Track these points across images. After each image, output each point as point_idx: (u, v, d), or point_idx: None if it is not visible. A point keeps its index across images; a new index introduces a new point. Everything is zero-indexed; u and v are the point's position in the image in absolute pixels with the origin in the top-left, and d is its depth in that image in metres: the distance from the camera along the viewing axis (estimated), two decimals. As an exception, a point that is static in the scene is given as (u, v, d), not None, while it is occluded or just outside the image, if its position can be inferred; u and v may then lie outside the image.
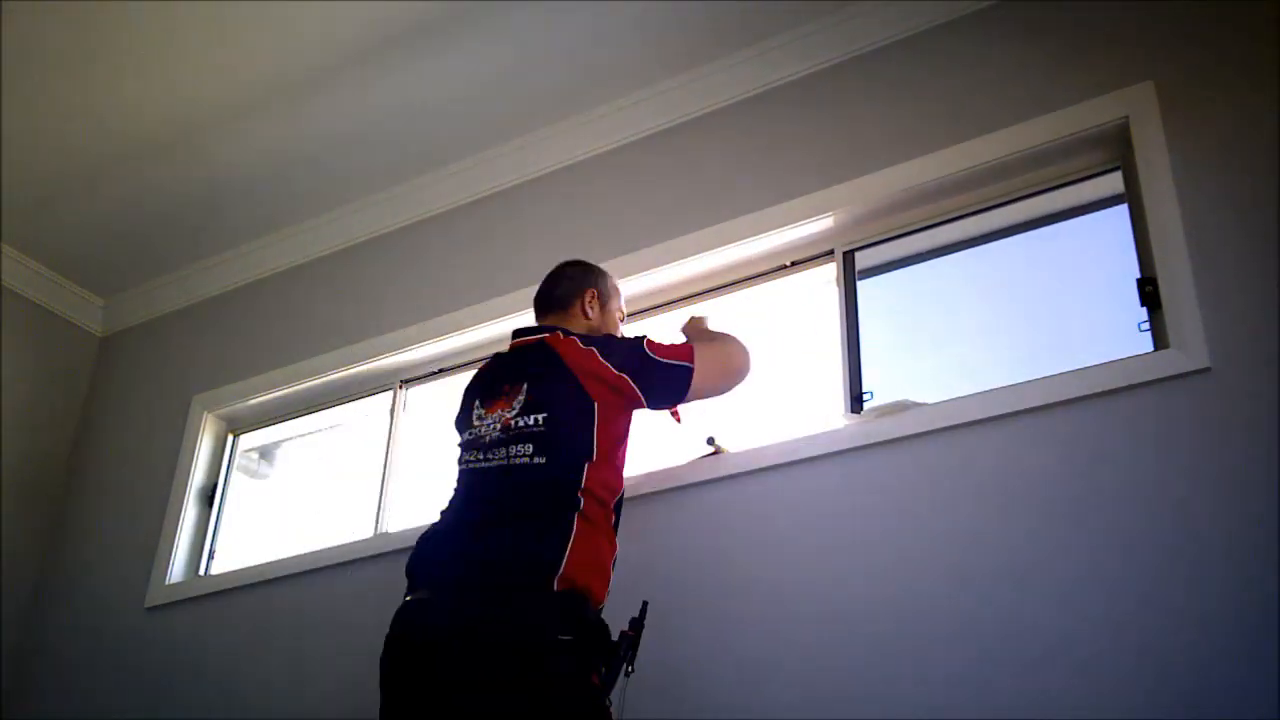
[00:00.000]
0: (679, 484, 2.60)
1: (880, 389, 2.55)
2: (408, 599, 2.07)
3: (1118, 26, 2.53)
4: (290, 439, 3.79)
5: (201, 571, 3.49)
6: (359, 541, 3.09)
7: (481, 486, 2.12)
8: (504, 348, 2.41)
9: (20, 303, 3.89)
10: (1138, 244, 2.39)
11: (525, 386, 2.18)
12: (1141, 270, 2.35)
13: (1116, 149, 2.49)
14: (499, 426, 2.15)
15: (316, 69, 3.10)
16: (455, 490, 2.21)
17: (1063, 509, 2.14)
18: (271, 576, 3.18)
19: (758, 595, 2.38)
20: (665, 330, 2.77)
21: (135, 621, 3.39)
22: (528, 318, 3.13)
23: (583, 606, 1.96)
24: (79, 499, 3.83)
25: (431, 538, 2.13)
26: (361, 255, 3.63)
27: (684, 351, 2.25)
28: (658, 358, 2.21)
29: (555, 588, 1.93)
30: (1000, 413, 2.28)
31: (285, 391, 3.56)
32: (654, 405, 2.23)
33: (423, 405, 3.41)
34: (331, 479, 3.57)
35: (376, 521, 3.18)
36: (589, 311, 2.41)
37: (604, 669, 1.93)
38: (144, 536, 3.53)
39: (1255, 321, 2.11)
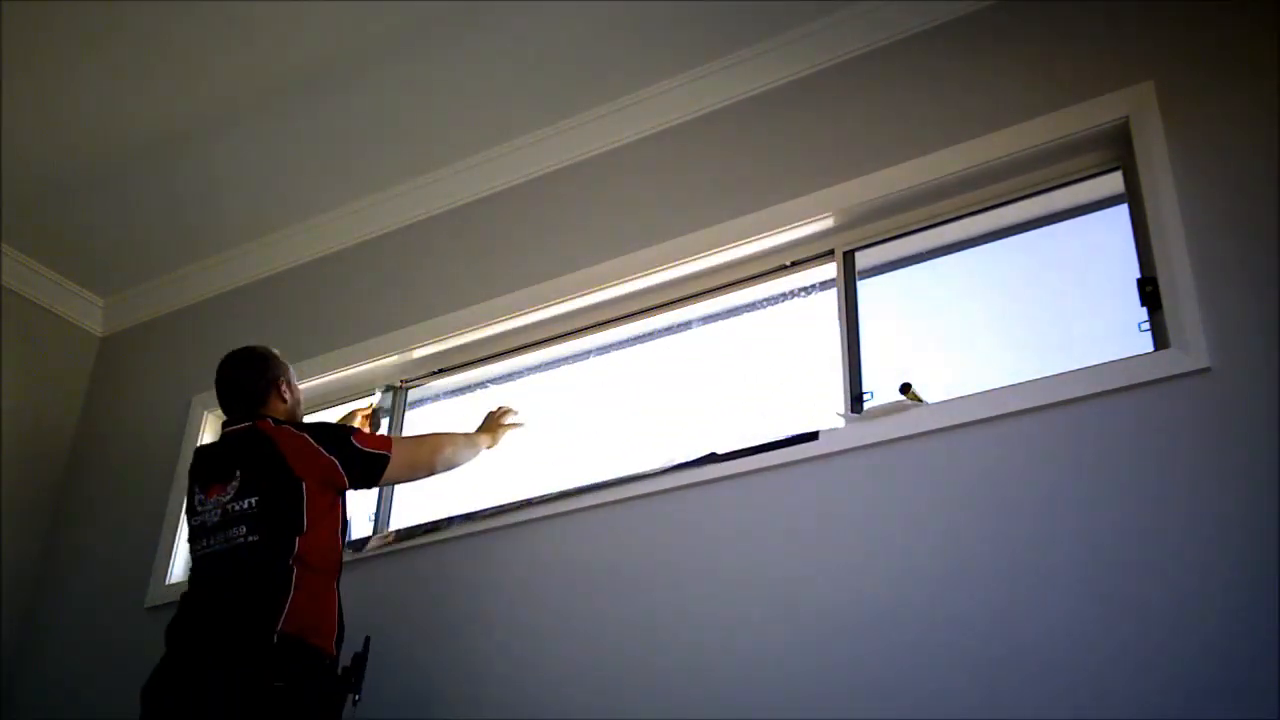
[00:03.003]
0: (679, 485, 2.60)
1: (880, 389, 2.55)
2: (162, 657, 2.39)
3: (1118, 26, 2.53)
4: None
5: (201, 571, 3.48)
6: (357, 541, 3.09)
7: (210, 568, 2.43)
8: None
9: (20, 303, 3.89)
10: (1138, 244, 2.39)
11: (238, 473, 2.47)
12: (1141, 270, 2.35)
13: (1116, 149, 2.49)
14: (219, 512, 2.45)
15: (316, 69, 3.10)
16: (192, 574, 2.52)
17: (1063, 509, 2.14)
18: (271, 576, 3.17)
19: (757, 595, 2.38)
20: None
21: (135, 621, 3.39)
22: (527, 317, 3.16)
23: (303, 656, 2.28)
24: (79, 499, 3.82)
25: (176, 619, 2.43)
26: (361, 255, 3.63)
27: (383, 443, 2.63)
28: (362, 447, 2.55)
29: (275, 640, 2.25)
30: (1000, 413, 2.28)
31: (285, 391, 3.56)
32: (354, 482, 2.54)
33: (423, 404, 3.42)
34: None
35: (376, 521, 3.18)
36: (285, 397, 2.71)
37: (324, 705, 2.31)
38: (144, 536, 3.52)
39: (1255, 321, 2.11)
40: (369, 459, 2.55)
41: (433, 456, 2.71)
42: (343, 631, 2.41)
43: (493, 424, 2.93)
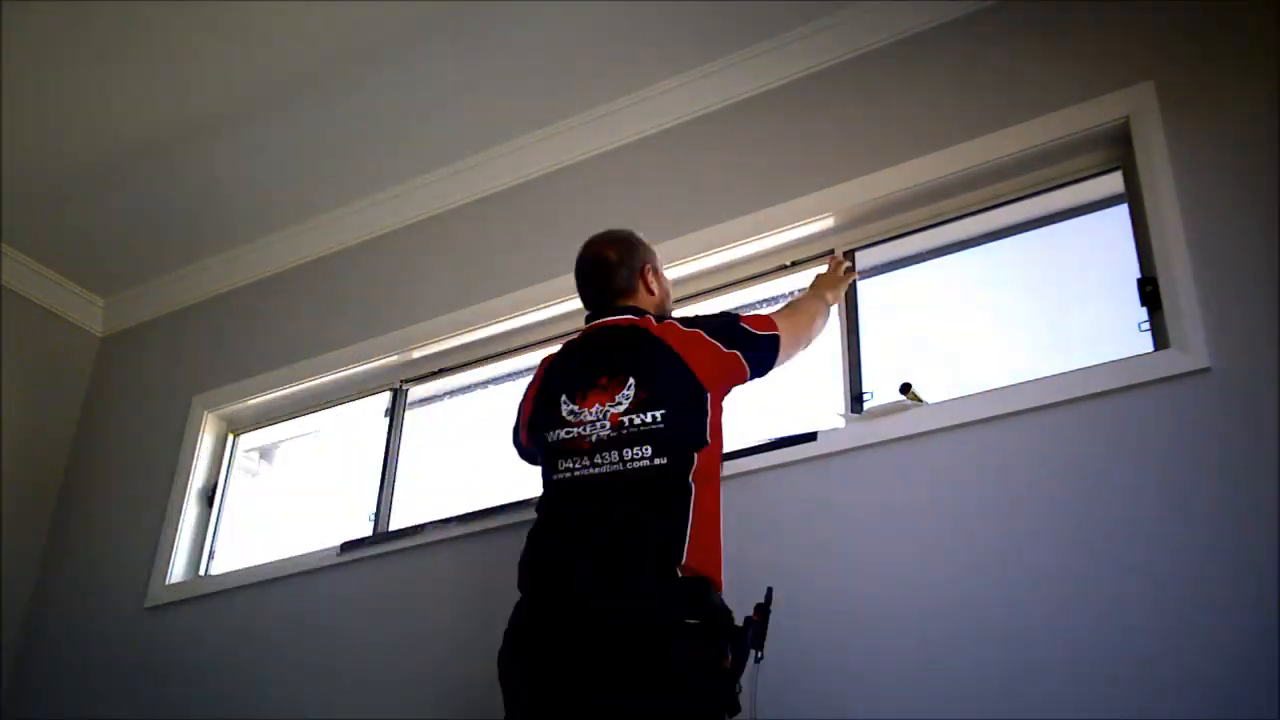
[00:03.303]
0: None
1: (880, 389, 2.55)
2: (526, 597, 2.03)
3: (1118, 26, 2.53)
4: (290, 439, 3.79)
5: (201, 571, 3.49)
6: (358, 541, 3.09)
7: (591, 494, 2.04)
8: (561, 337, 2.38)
9: (20, 303, 3.89)
10: (1138, 244, 2.39)
11: (632, 380, 2.08)
12: (1141, 270, 2.35)
13: (1117, 149, 2.49)
14: (605, 425, 2.05)
15: (316, 69, 3.10)
16: (551, 500, 2.12)
17: (1063, 509, 2.14)
18: (272, 576, 3.18)
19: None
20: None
21: (135, 621, 3.39)
22: (527, 317, 3.15)
23: (707, 592, 1.94)
24: (79, 499, 3.82)
25: (544, 545, 2.07)
26: (361, 255, 3.63)
27: (769, 323, 2.26)
28: (755, 331, 2.21)
29: (679, 574, 1.92)
30: (1000, 413, 2.28)
31: (285, 391, 3.56)
32: (753, 376, 2.20)
33: (422, 405, 3.42)
34: (331, 479, 3.57)
35: (376, 521, 3.18)
36: (652, 288, 2.33)
37: (730, 655, 1.91)
38: (144, 536, 3.52)
39: (1255, 321, 2.11)
40: (767, 342, 2.22)
41: (810, 328, 2.40)
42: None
43: (832, 280, 2.60)
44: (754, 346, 2.18)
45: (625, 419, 2.04)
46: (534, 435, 2.21)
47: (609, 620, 1.88)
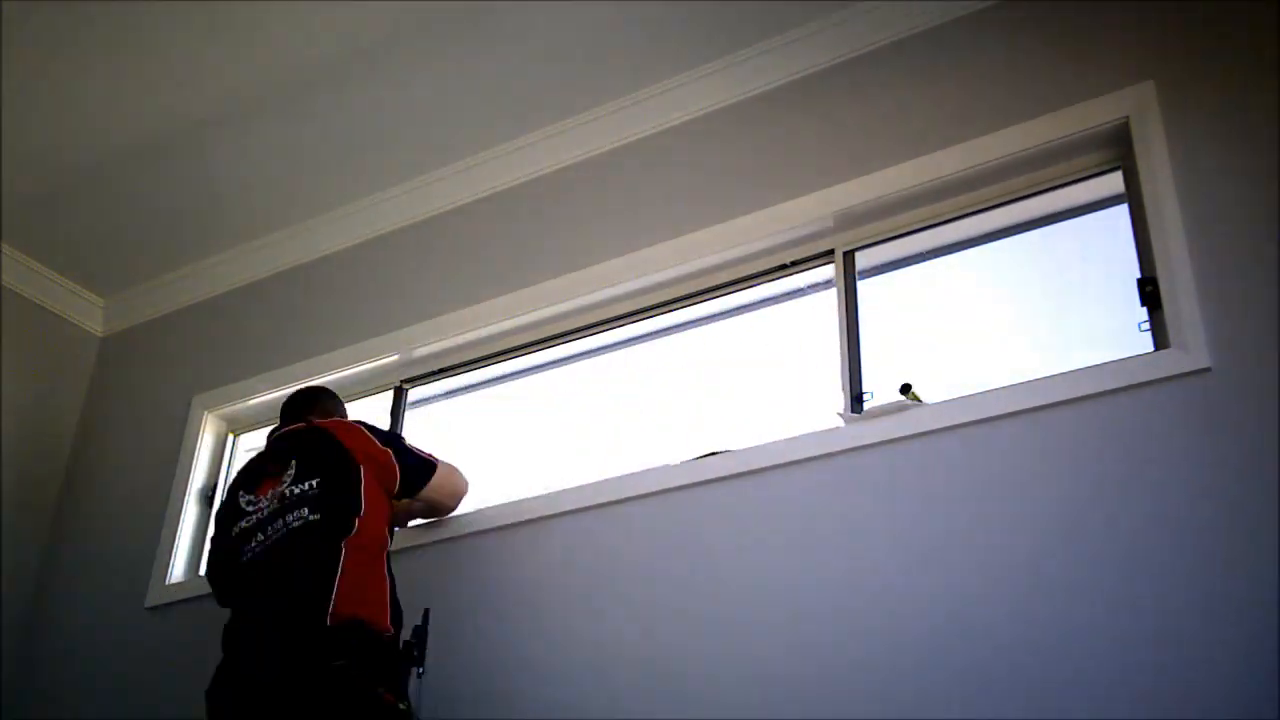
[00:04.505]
0: (677, 485, 2.59)
1: (880, 389, 2.55)
2: (221, 661, 2.36)
3: (1118, 26, 2.53)
4: (290, 439, 3.79)
5: (202, 571, 3.48)
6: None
7: (268, 560, 2.36)
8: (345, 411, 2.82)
9: (20, 303, 3.88)
10: (1138, 244, 2.39)
11: (294, 461, 2.47)
12: (1141, 270, 2.35)
13: (1117, 149, 2.49)
14: (275, 501, 2.42)
15: (316, 69, 3.10)
16: (240, 581, 2.44)
17: (1063, 509, 2.14)
18: (271, 576, 3.17)
19: (757, 595, 2.38)
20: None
21: (135, 621, 3.39)
22: (527, 317, 3.16)
23: (359, 634, 2.21)
24: (79, 499, 3.82)
25: (231, 621, 2.42)
26: (361, 255, 3.63)
27: (431, 457, 2.64)
28: (414, 449, 2.60)
29: (327, 623, 2.19)
30: (1000, 413, 2.28)
31: (285, 391, 3.53)
32: (401, 486, 2.53)
33: (423, 405, 3.42)
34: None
35: (376, 521, 3.18)
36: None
37: (387, 682, 2.21)
38: (144, 536, 3.52)
39: (1255, 321, 2.11)
40: (421, 463, 2.59)
41: (463, 485, 2.76)
42: (399, 609, 2.36)
43: None
44: (406, 456, 2.54)
45: (287, 490, 2.42)
46: (222, 532, 2.54)
47: (265, 676, 2.19)
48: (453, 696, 2.64)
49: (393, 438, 2.59)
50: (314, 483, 2.40)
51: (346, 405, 3.51)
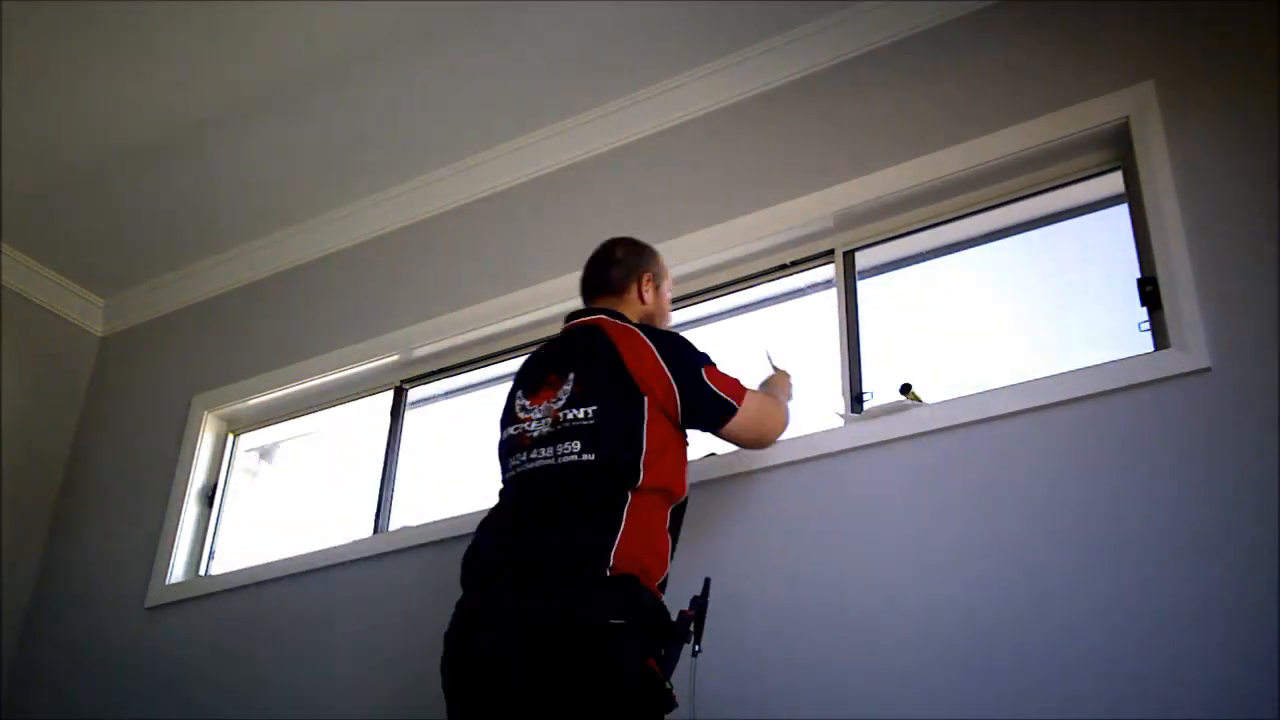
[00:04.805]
0: (679, 484, 2.59)
1: (880, 389, 2.55)
2: (461, 601, 2.03)
3: (1118, 26, 2.53)
4: (290, 439, 3.79)
5: (201, 571, 3.49)
6: (359, 541, 3.09)
7: (527, 489, 2.05)
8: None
9: (20, 303, 3.89)
10: (1138, 244, 2.39)
11: (572, 376, 2.09)
12: (1141, 270, 2.35)
13: (1117, 149, 2.49)
14: (547, 421, 2.07)
15: (316, 69, 3.10)
16: (501, 494, 2.13)
17: (1062, 509, 2.14)
18: (272, 576, 3.18)
19: (756, 596, 2.38)
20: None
21: (135, 621, 3.39)
22: (527, 317, 3.16)
23: (635, 591, 1.90)
24: (79, 499, 3.82)
25: (481, 544, 2.07)
26: (361, 255, 3.63)
27: (736, 390, 2.17)
28: (710, 384, 2.13)
29: (607, 574, 1.88)
30: (1000, 413, 2.28)
31: (285, 391, 3.56)
32: (685, 425, 2.14)
33: (424, 404, 3.42)
34: (331, 479, 3.57)
35: (377, 521, 3.18)
36: (645, 296, 2.33)
37: (662, 651, 1.89)
38: (144, 536, 3.52)
39: (1255, 321, 2.11)
40: (714, 403, 2.12)
41: (779, 424, 2.31)
42: (668, 574, 2.05)
43: (780, 378, 2.50)
44: (698, 397, 2.11)
45: (561, 414, 2.06)
46: (500, 427, 2.21)
47: (532, 622, 1.86)
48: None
49: (690, 364, 2.12)
50: (590, 411, 2.03)
51: (346, 405, 3.54)
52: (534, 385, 2.15)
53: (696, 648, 1.93)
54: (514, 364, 3.27)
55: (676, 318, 3.05)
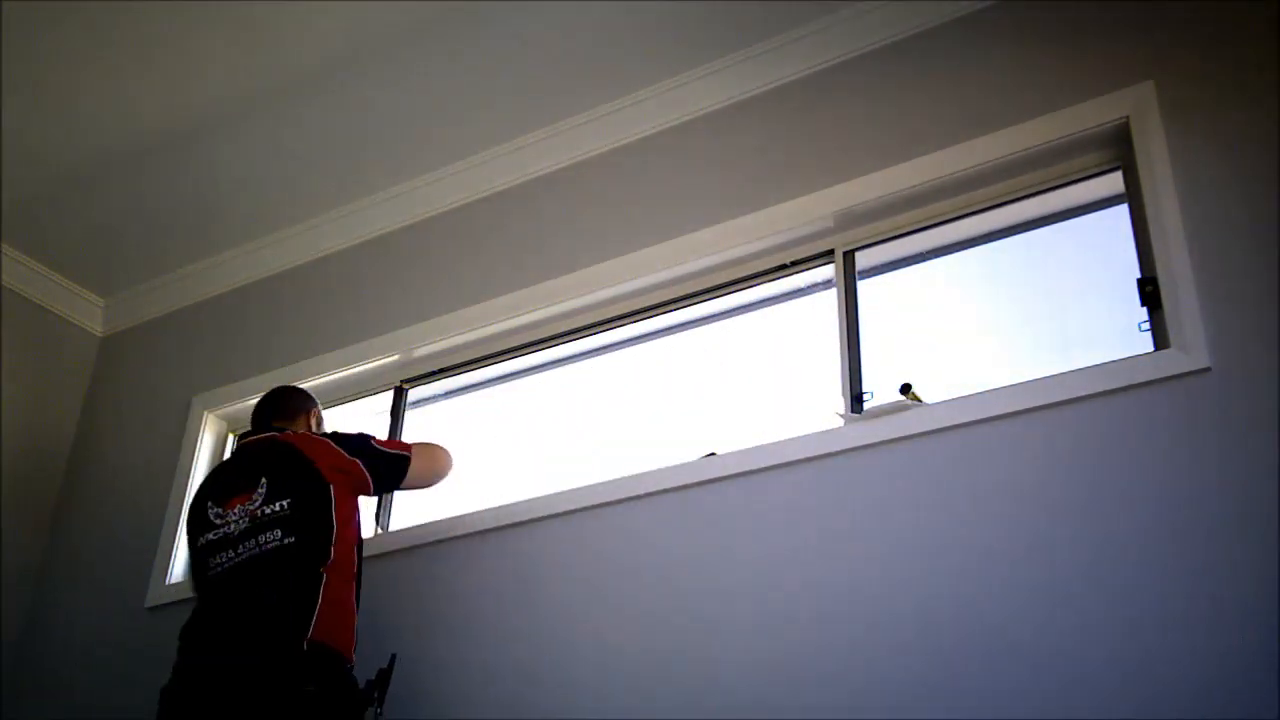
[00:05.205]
0: (677, 485, 2.59)
1: (880, 389, 2.55)
2: (176, 665, 2.39)
3: (1118, 26, 2.53)
4: (290, 439, 3.79)
5: (201, 571, 3.48)
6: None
7: (238, 576, 2.39)
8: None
9: (20, 303, 3.89)
10: (1138, 244, 2.39)
11: (264, 480, 2.47)
12: (1141, 270, 2.35)
13: (1117, 149, 2.49)
14: (245, 519, 2.43)
15: (316, 69, 3.10)
16: (209, 589, 2.46)
17: (1063, 509, 2.14)
18: (271, 576, 3.17)
19: (757, 595, 2.38)
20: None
21: (135, 621, 3.39)
22: (527, 317, 3.16)
23: (331, 664, 2.28)
24: (79, 499, 3.82)
25: (192, 627, 2.42)
26: (361, 255, 3.63)
27: (403, 445, 2.70)
28: (383, 449, 2.62)
29: (305, 647, 2.24)
30: (1000, 413, 2.28)
31: (285, 391, 3.56)
32: (377, 488, 2.61)
33: (424, 404, 3.42)
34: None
35: (377, 521, 3.18)
36: (312, 426, 2.80)
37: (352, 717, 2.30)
38: (144, 536, 3.52)
39: (1255, 321, 2.11)
40: (392, 460, 2.62)
41: (445, 461, 2.79)
42: (357, 639, 2.42)
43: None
44: (377, 461, 2.58)
45: (259, 510, 2.43)
46: (191, 538, 2.57)
47: (236, 687, 2.22)
48: (451, 699, 2.64)
49: (360, 442, 2.61)
50: (285, 503, 2.42)
51: (346, 405, 3.54)
52: (223, 495, 2.52)
53: (378, 711, 2.36)
54: (514, 364, 3.29)
55: (675, 318, 3.07)
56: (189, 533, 2.61)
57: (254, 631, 2.29)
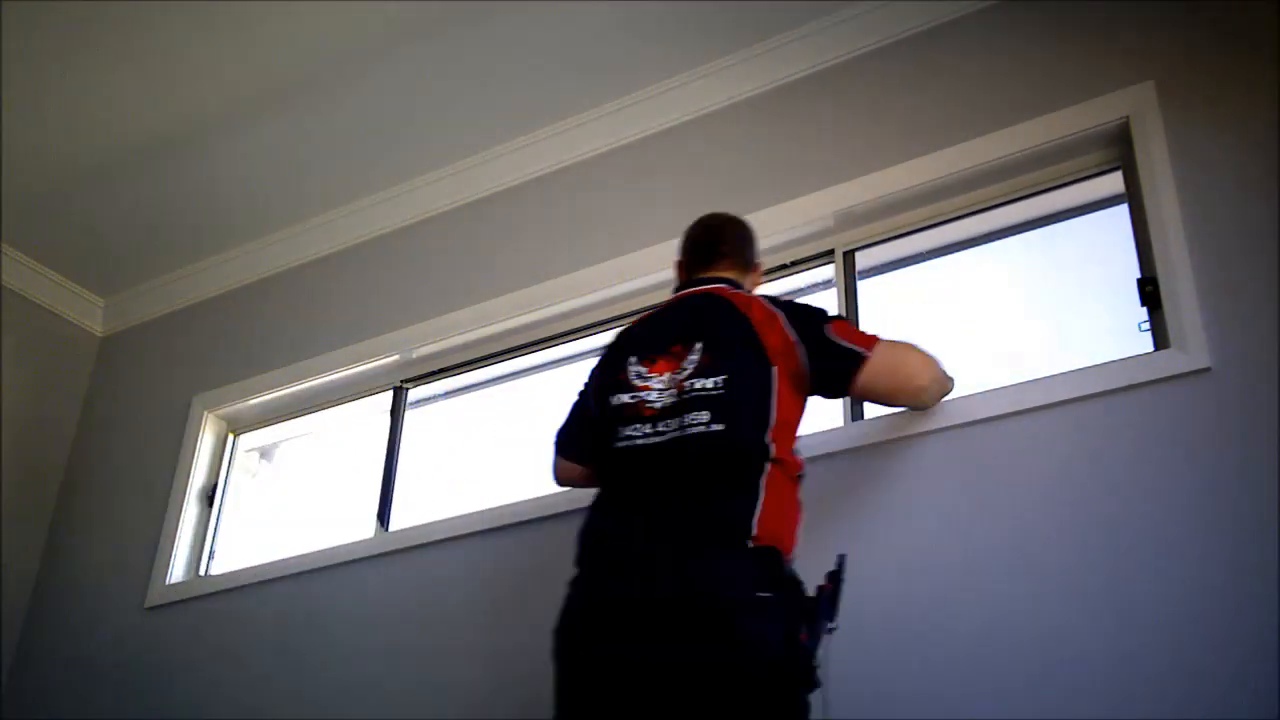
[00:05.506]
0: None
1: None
2: (583, 572, 1.93)
3: (1118, 26, 2.53)
4: (290, 439, 3.79)
5: (201, 571, 3.49)
6: (360, 542, 3.09)
7: (652, 462, 1.95)
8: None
9: (20, 303, 3.89)
10: (1138, 244, 2.39)
11: (700, 345, 2.01)
12: (1141, 270, 2.35)
13: (1117, 149, 2.49)
14: (672, 391, 1.97)
15: (316, 69, 3.11)
16: (612, 466, 2.02)
17: (1063, 509, 2.14)
18: (272, 576, 3.17)
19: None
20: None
21: (135, 621, 3.39)
22: (527, 317, 3.15)
23: (780, 563, 1.85)
24: (79, 499, 3.82)
25: (607, 522, 1.97)
26: (361, 255, 3.63)
27: (864, 340, 2.08)
28: (834, 335, 2.05)
29: (749, 545, 1.82)
30: (1000, 413, 2.28)
31: (285, 391, 3.56)
32: (816, 386, 2.05)
33: (423, 404, 3.42)
34: (331, 479, 3.57)
35: (377, 521, 3.18)
36: (758, 281, 2.31)
37: (806, 626, 1.80)
38: (144, 536, 3.52)
39: (1255, 321, 2.10)
40: (840, 354, 2.04)
41: (924, 372, 2.19)
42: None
43: None
44: (824, 354, 2.02)
45: (688, 384, 1.97)
46: (604, 393, 2.09)
47: (675, 596, 1.76)
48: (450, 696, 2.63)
49: (813, 324, 2.06)
50: (720, 380, 1.94)
51: (346, 405, 3.54)
52: (652, 352, 2.06)
53: (832, 625, 1.83)
54: (514, 364, 3.29)
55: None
56: (595, 379, 2.15)
57: (697, 529, 1.84)
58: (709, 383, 1.95)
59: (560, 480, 2.30)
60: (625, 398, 2.02)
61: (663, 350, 2.05)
